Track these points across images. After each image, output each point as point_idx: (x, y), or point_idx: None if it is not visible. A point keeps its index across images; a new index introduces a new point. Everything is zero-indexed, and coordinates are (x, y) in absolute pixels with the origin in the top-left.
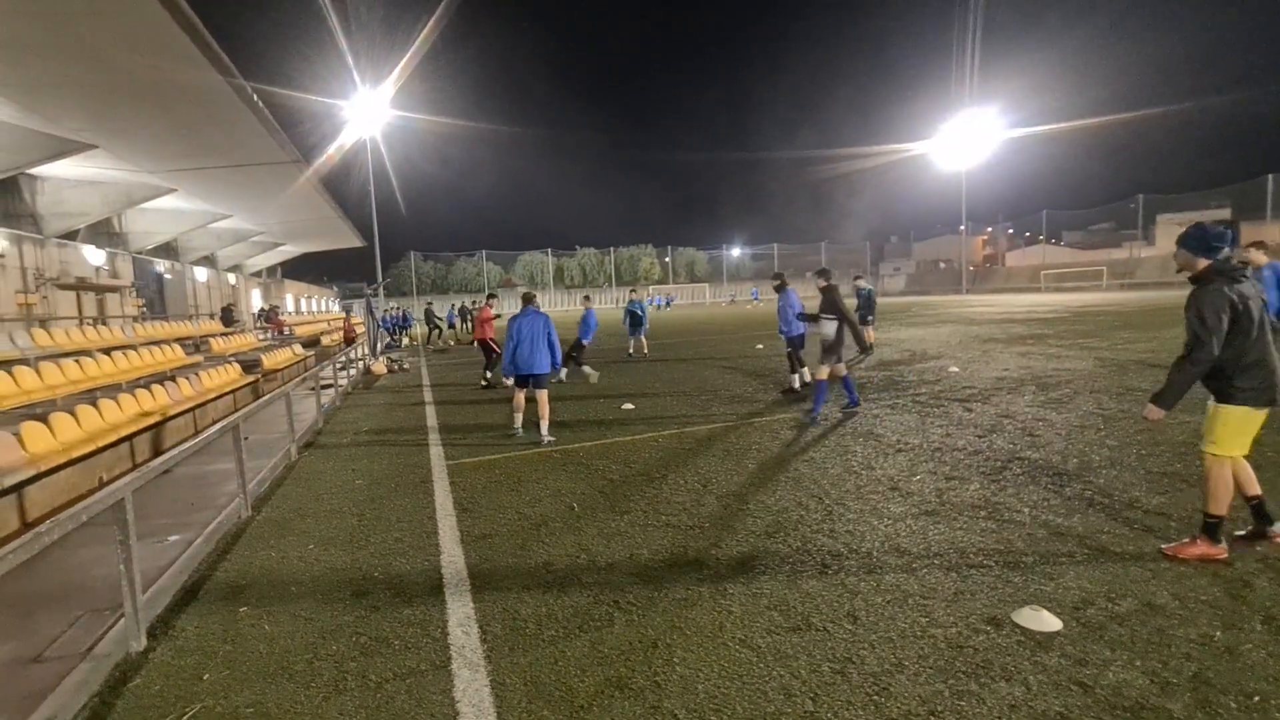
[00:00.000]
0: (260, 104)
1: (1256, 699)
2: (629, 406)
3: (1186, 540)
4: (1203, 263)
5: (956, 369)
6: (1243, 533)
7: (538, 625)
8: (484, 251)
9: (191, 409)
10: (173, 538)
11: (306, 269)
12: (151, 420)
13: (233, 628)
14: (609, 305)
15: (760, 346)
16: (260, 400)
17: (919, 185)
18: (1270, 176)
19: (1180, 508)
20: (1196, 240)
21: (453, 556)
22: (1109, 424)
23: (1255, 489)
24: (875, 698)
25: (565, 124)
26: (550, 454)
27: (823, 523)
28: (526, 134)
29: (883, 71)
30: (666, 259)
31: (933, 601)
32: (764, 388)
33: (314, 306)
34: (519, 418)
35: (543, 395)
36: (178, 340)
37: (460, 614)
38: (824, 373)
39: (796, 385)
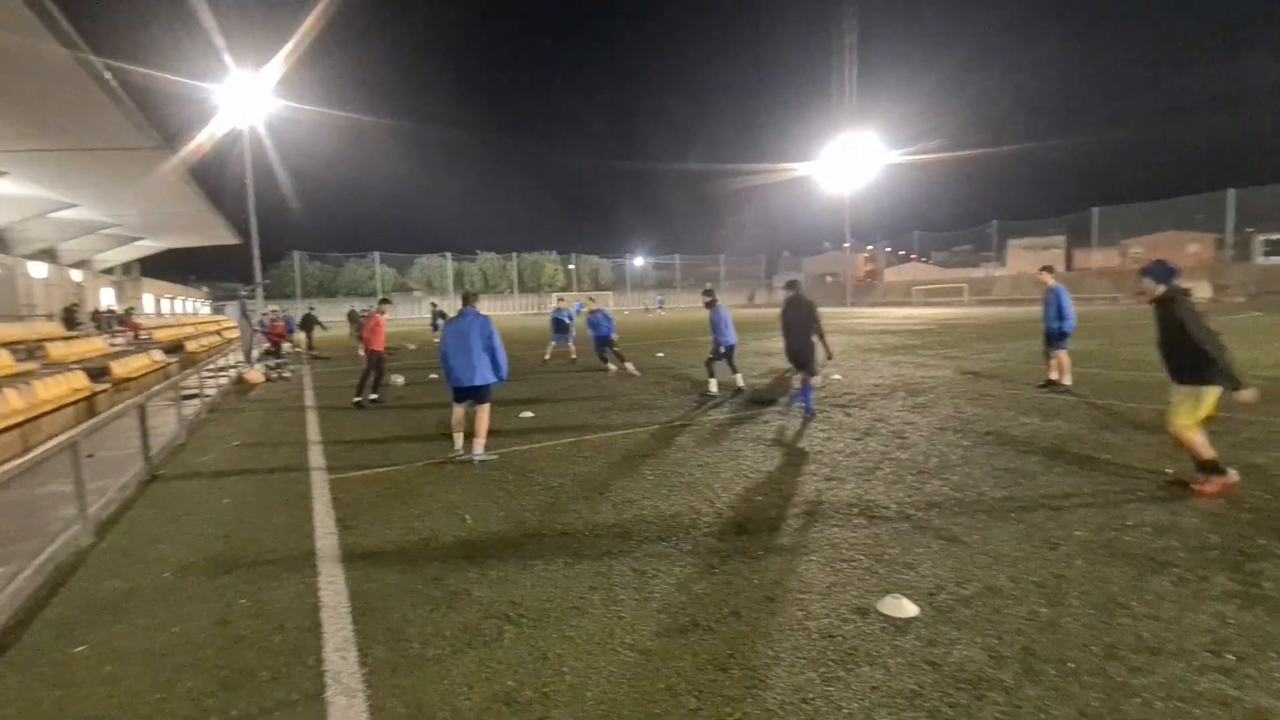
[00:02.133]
0: (114, 82)
1: (1070, 665)
2: (527, 415)
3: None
4: (1162, 288)
5: (839, 376)
6: (1170, 472)
7: (423, 645)
8: (378, 253)
9: (21, 424)
10: None
11: (171, 267)
12: None
13: (65, 672)
14: (513, 312)
15: (661, 355)
16: (106, 413)
17: (809, 203)
18: (1096, 210)
19: (1018, 499)
20: (1160, 272)
21: (332, 577)
22: (965, 426)
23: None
24: (754, 691)
25: (466, 125)
26: (443, 466)
27: (713, 525)
28: (425, 133)
29: (774, 97)
30: (570, 265)
31: (808, 595)
32: (663, 395)
33: (179, 308)
34: (458, 438)
35: (482, 410)
36: (6, 345)
37: (338, 638)
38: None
39: (714, 389)
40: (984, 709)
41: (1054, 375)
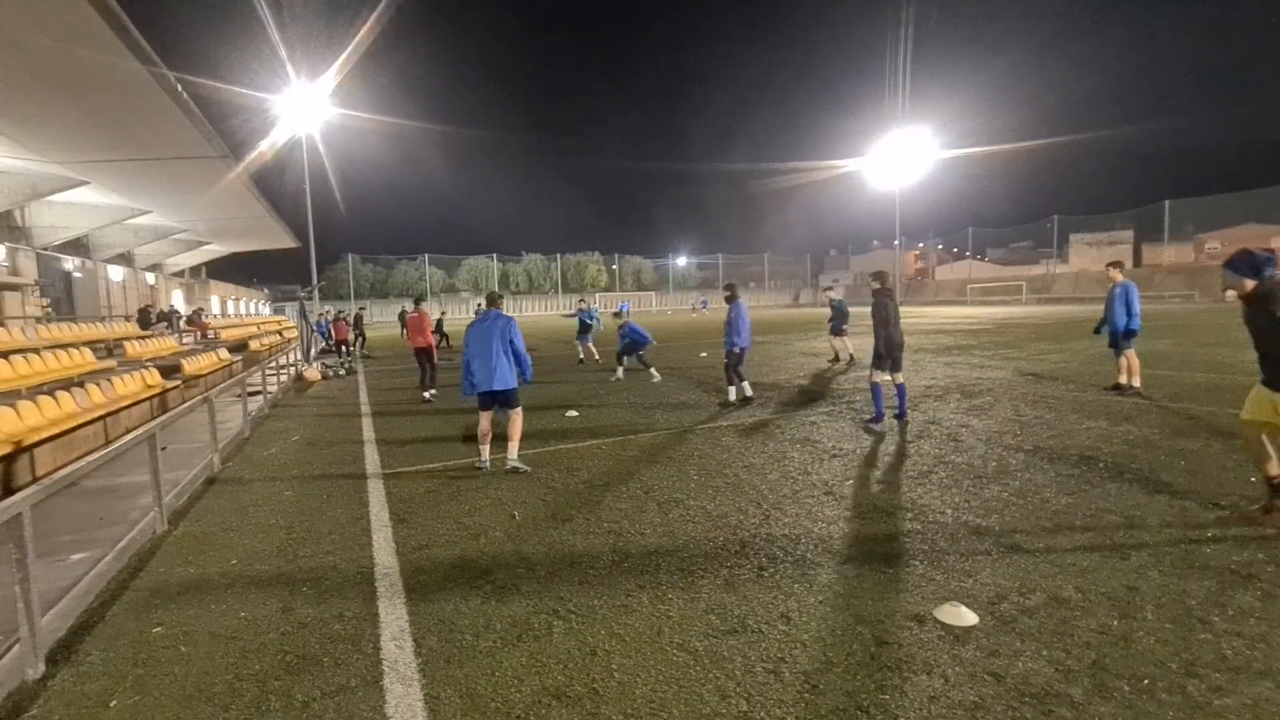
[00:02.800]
0: (185, 95)
1: (1145, 682)
2: (573, 414)
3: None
4: (1250, 283)
5: (888, 376)
6: (1255, 507)
7: (475, 636)
8: (426, 255)
9: (102, 417)
10: (77, 556)
11: (235, 269)
12: (55, 430)
13: (144, 650)
14: (554, 312)
15: (704, 355)
16: (179, 408)
17: (856, 201)
18: (1167, 202)
19: (1085, 506)
20: (1246, 264)
21: (387, 569)
22: (1025, 430)
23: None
24: (806, 695)
25: (510, 128)
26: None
27: (760, 527)
28: (471, 136)
29: (818, 91)
30: (613, 266)
31: (861, 601)
32: (707, 396)
33: (242, 309)
34: (485, 450)
35: (514, 415)
36: (87, 343)
37: (394, 628)
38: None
39: (733, 397)
40: None
41: (1123, 378)
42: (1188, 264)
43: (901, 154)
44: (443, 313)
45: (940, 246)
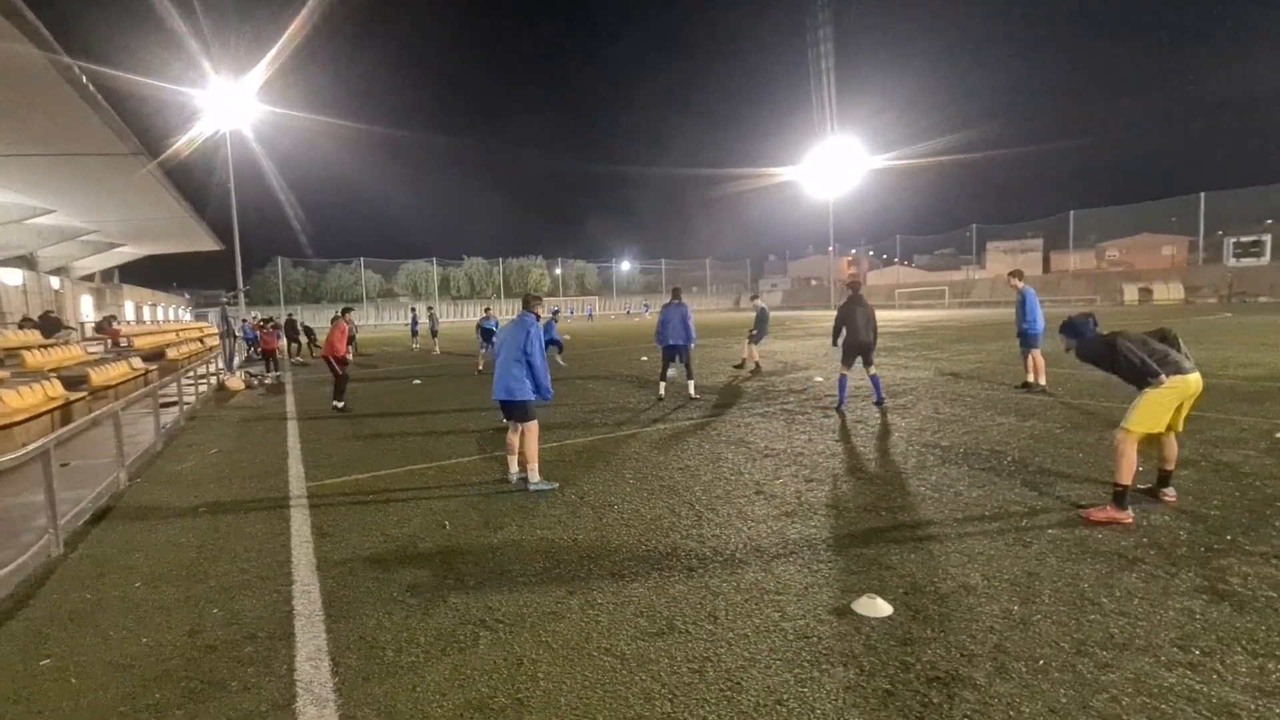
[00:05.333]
0: (90, 86)
1: (1041, 663)
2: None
3: (1097, 507)
4: (1074, 343)
5: (820, 379)
6: (1141, 469)
7: (396, 652)
8: (362, 259)
9: None
10: None
11: (152, 273)
12: None
13: (28, 686)
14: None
15: (645, 359)
16: (78, 422)
17: (793, 208)
18: (1072, 213)
19: (993, 498)
20: (1070, 329)
21: (307, 585)
22: (942, 427)
23: (1170, 465)
24: (729, 693)
25: (448, 131)
26: (424, 470)
27: (692, 528)
28: (407, 139)
29: (757, 101)
30: (557, 270)
31: (785, 597)
32: (646, 399)
33: (160, 315)
34: (511, 460)
35: (525, 432)
36: None
37: (311, 647)
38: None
39: (661, 393)
40: (955, 707)
41: (1030, 376)
42: (1090, 270)
43: (834, 164)
44: (346, 307)
45: (871, 253)
